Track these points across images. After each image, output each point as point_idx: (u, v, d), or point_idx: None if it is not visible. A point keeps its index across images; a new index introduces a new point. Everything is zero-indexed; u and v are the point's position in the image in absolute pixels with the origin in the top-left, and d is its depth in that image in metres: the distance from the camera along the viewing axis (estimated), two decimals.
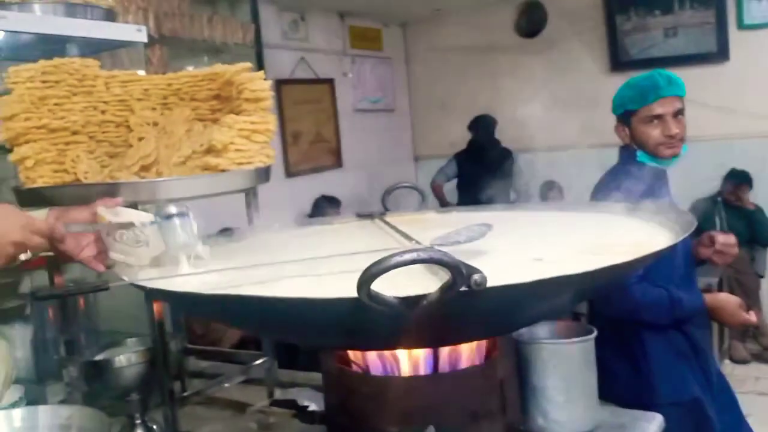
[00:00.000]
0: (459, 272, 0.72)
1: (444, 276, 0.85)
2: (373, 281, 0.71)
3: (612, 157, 2.13)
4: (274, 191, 1.79)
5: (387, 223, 1.47)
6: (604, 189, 1.88)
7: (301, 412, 1.64)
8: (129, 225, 1.13)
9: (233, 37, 3.88)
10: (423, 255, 0.72)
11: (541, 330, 1.33)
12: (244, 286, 0.95)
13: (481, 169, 5.13)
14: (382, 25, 5.81)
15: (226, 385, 1.74)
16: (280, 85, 4.53)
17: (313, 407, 1.65)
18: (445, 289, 0.75)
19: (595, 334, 1.31)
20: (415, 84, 6.17)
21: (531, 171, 5.37)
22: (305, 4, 4.80)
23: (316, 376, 1.97)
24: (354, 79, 5.49)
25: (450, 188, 5.48)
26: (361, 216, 1.68)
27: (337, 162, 5.29)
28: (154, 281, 1.04)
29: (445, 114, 5.94)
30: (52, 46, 1.72)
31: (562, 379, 1.25)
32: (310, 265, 1.04)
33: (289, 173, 4.70)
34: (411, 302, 0.75)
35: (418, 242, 1.08)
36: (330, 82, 5.21)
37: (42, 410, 1.08)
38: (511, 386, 1.15)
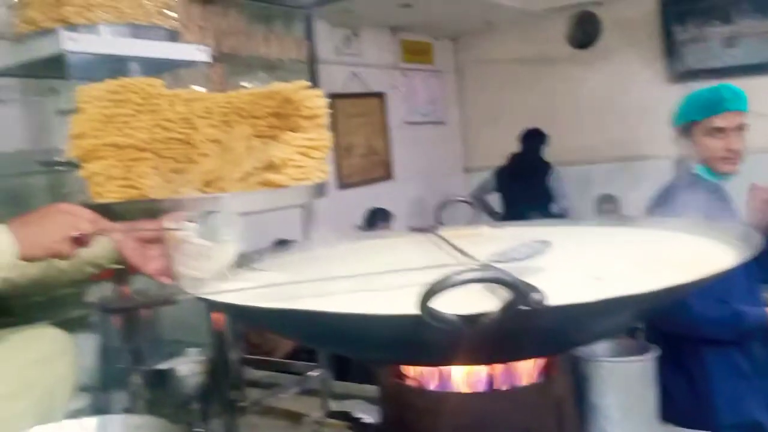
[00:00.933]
0: (519, 291, 0.73)
1: (502, 293, 0.85)
2: (433, 299, 0.73)
3: (669, 169, 2.10)
4: (327, 203, 1.82)
5: (441, 237, 1.48)
6: (662, 203, 1.84)
7: (356, 425, 1.66)
8: (193, 239, 1.17)
9: (288, 53, 3.97)
10: (483, 274, 0.73)
11: (600, 347, 1.31)
12: (302, 300, 0.97)
13: (517, 184, 5.13)
14: (433, 38, 5.84)
15: (282, 395, 1.77)
16: (332, 99, 4.58)
17: (367, 420, 1.67)
18: (505, 308, 0.75)
19: (655, 352, 1.28)
20: (466, 96, 6.17)
21: (586, 184, 5.30)
22: (358, 21, 4.88)
23: (370, 389, 2.00)
24: (405, 92, 5.53)
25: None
26: (415, 230, 1.70)
27: (388, 174, 5.33)
28: (217, 294, 1.07)
29: (495, 126, 5.92)
30: (115, 65, 1.80)
31: (621, 398, 1.23)
32: (367, 279, 1.06)
33: (342, 185, 4.76)
34: (471, 320, 0.76)
35: (474, 258, 1.09)
36: (381, 95, 5.26)
37: (113, 419, 1.13)
38: (568, 404, 1.14)
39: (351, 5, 4.38)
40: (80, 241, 1.14)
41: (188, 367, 1.51)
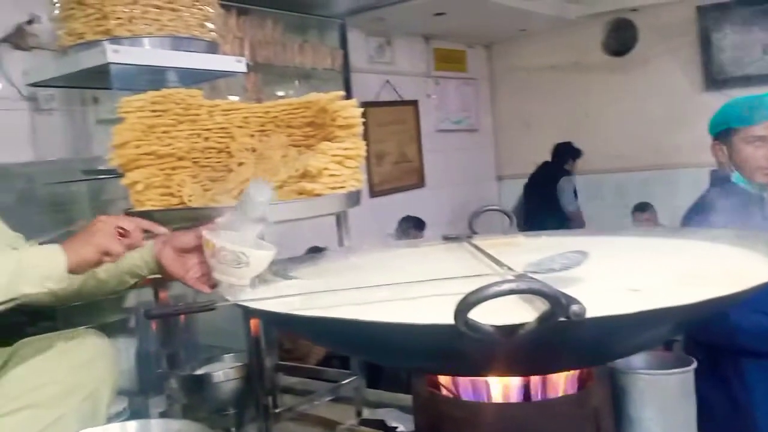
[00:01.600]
0: (558, 303, 0.73)
1: (538, 304, 0.85)
2: (470, 310, 0.73)
3: (707, 178, 2.06)
4: (359, 211, 1.83)
5: (476, 246, 1.48)
6: (698, 213, 1.81)
7: None
8: (231, 247, 1.19)
9: (322, 62, 4.01)
10: (522, 285, 0.73)
11: (637, 359, 1.30)
12: (339, 308, 0.98)
13: (536, 192, 5.21)
14: (467, 46, 5.83)
15: (316, 402, 1.79)
16: (365, 107, 4.61)
17: (401, 429, 1.67)
18: (543, 319, 0.75)
19: (694, 365, 1.26)
20: (499, 104, 6.15)
21: (621, 193, 5.24)
22: (391, 29, 4.90)
23: (402, 397, 2.00)
24: (437, 100, 5.54)
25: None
26: (449, 239, 1.70)
27: (420, 182, 5.33)
28: (255, 302, 1.09)
29: (529, 134, 5.89)
30: (154, 76, 1.85)
31: (660, 411, 1.22)
32: (403, 288, 1.07)
33: (373, 193, 4.77)
34: (508, 331, 0.76)
35: (510, 268, 1.09)
36: (414, 103, 5.28)
37: (153, 423, 1.15)
38: (605, 416, 1.13)
39: (384, 14, 4.40)
40: (124, 237, 1.16)
41: (224, 373, 1.53)
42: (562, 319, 0.75)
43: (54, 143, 2.59)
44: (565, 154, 5.28)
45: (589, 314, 0.75)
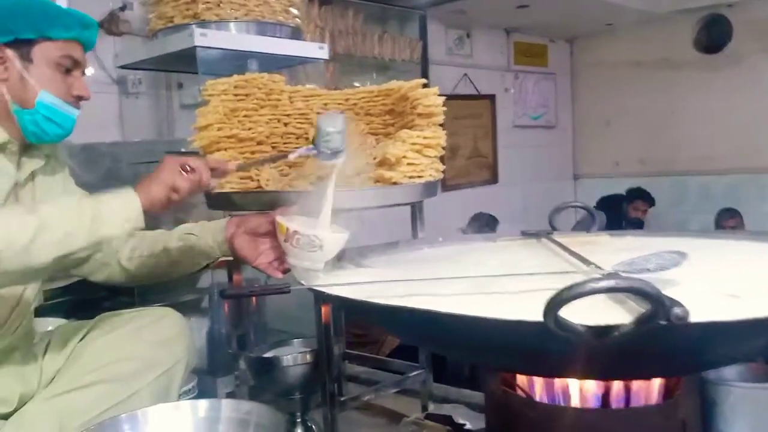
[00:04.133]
0: (661, 304, 0.67)
1: (630, 305, 0.80)
2: (562, 307, 0.69)
3: None
4: (432, 204, 1.80)
5: (557, 243, 1.42)
6: None
7: (457, 430, 1.62)
8: (304, 231, 1.18)
9: (401, 54, 3.98)
10: (622, 283, 0.68)
11: (730, 370, 1.21)
12: (415, 298, 0.95)
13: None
14: (548, 40, 5.68)
15: (382, 393, 1.77)
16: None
17: (469, 426, 1.63)
18: (642, 321, 0.70)
19: None
20: (580, 100, 5.96)
21: (706, 196, 4.99)
22: (471, 22, 4.82)
23: (468, 393, 1.95)
24: (515, 94, 5.43)
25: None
26: (528, 234, 1.64)
27: (493, 178, 5.24)
28: (330, 287, 1.08)
29: (609, 132, 5.69)
30: (238, 61, 1.87)
31: (753, 427, 1.13)
32: (482, 282, 1.03)
33: (445, 187, 4.72)
34: (601, 332, 0.71)
35: (598, 266, 1.03)
36: (491, 97, 5.19)
37: (224, 403, 1.16)
38: (693, 429, 1.06)
39: (465, 6, 4.34)
40: (190, 172, 1.14)
41: (292, 357, 1.53)
42: (663, 322, 0.69)
43: (139, 125, 2.68)
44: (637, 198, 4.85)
45: (692, 318, 0.69)
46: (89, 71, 1.39)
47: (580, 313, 0.74)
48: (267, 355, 1.61)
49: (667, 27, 5.14)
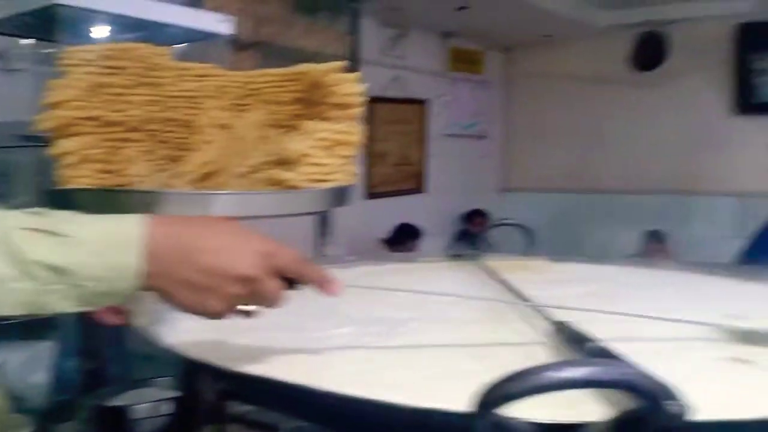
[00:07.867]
0: (654, 402, 0.42)
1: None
2: (502, 405, 0.42)
3: (735, 207, 1.76)
4: (352, 212, 1.53)
5: (488, 270, 1.17)
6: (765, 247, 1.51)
7: None
8: None
9: (329, 47, 3.71)
10: (600, 374, 0.41)
11: None
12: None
13: None
14: (486, 48, 5.52)
15: None
16: (370, 102, 4.32)
17: None
18: (620, 422, 0.44)
19: None
20: (513, 111, 5.82)
21: (632, 217, 4.91)
22: (408, 21, 4.59)
23: None
24: (448, 101, 5.23)
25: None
26: (455, 256, 1.39)
27: (420, 187, 5.03)
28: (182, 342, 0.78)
29: (541, 145, 5.57)
30: (116, 33, 1.54)
31: None
32: (387, 328, 0.75)
33: (370, 195, 4.47)
34: None
35: (548, 317, 0.77)
36: (423, 103, 4.97)
37: None
38: None
39: (402, 3, 4.10)
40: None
41: (150, 406, 1.19)
42: (652, 421, 0.44)
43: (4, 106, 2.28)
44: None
45: (693, 415, 0.44)
46: None
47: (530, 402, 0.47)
48: (116, 402, 1.24)
49: (604, 42, 5.05)
